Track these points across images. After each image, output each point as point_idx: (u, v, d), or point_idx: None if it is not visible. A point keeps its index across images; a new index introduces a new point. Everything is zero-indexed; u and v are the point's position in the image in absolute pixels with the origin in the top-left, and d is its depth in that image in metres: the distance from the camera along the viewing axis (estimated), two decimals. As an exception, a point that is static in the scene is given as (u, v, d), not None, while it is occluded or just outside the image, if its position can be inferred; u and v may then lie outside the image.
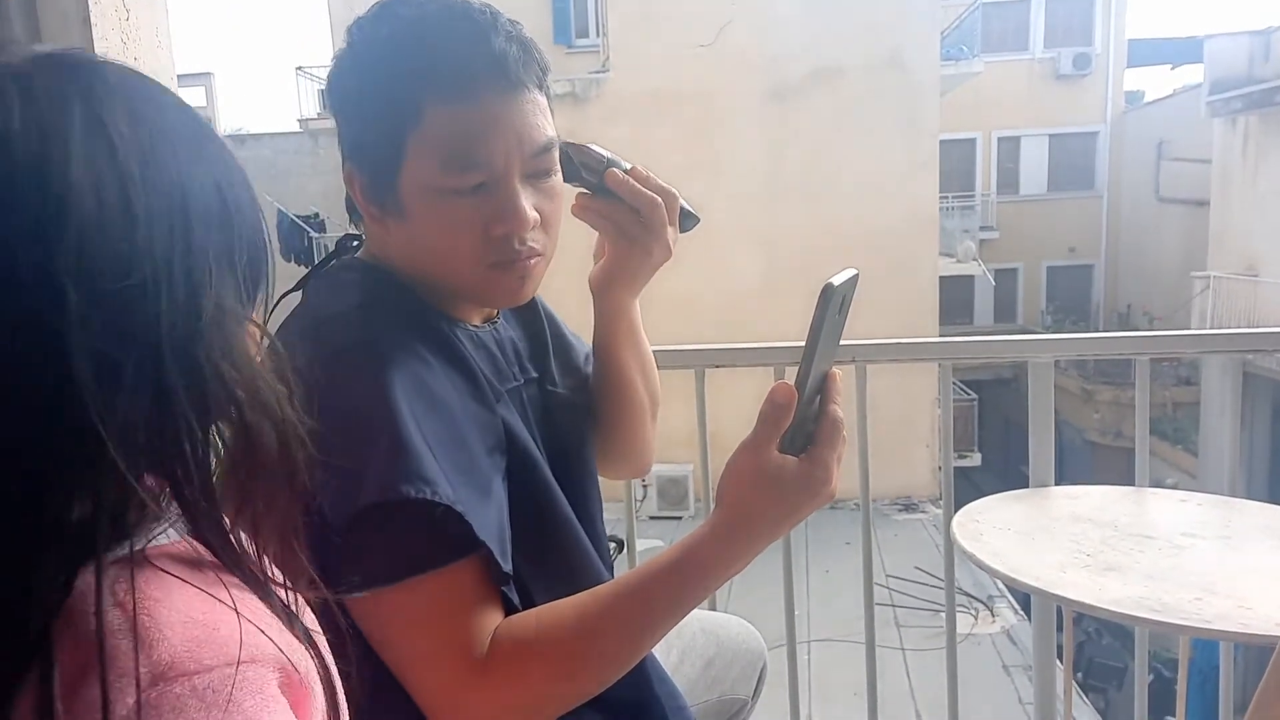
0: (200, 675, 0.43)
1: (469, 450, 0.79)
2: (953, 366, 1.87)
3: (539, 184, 0.85)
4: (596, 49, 10.36)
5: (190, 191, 0.48)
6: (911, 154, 9.77)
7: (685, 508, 9.28)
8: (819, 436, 0.77)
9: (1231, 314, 11.79)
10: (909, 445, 9.57)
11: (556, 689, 0.78)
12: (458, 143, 0.80)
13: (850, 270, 0.75)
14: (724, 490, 0.77)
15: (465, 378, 0.83)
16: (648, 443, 1.13)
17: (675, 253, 0.98)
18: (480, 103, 0.80)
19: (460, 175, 0.81)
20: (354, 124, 0.85)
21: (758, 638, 1.31)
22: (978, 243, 15.85)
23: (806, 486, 0.76)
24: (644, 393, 1.09)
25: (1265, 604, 1.24)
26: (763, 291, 9.33)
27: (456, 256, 0.84)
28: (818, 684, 5.38)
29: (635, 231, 0.94)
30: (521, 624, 0.78)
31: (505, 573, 0.78)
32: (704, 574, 0.77)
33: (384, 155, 0.82)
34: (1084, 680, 8.66)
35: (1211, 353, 2.53)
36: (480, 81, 0.80)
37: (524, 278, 0.87)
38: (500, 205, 0.82)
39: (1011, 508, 1.69)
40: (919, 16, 9.83)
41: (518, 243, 0.84)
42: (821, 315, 0.71)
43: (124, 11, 1.22)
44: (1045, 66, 17.62)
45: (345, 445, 0.69)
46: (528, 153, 0.83)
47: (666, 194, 0.95)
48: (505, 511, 0.81)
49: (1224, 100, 12.17)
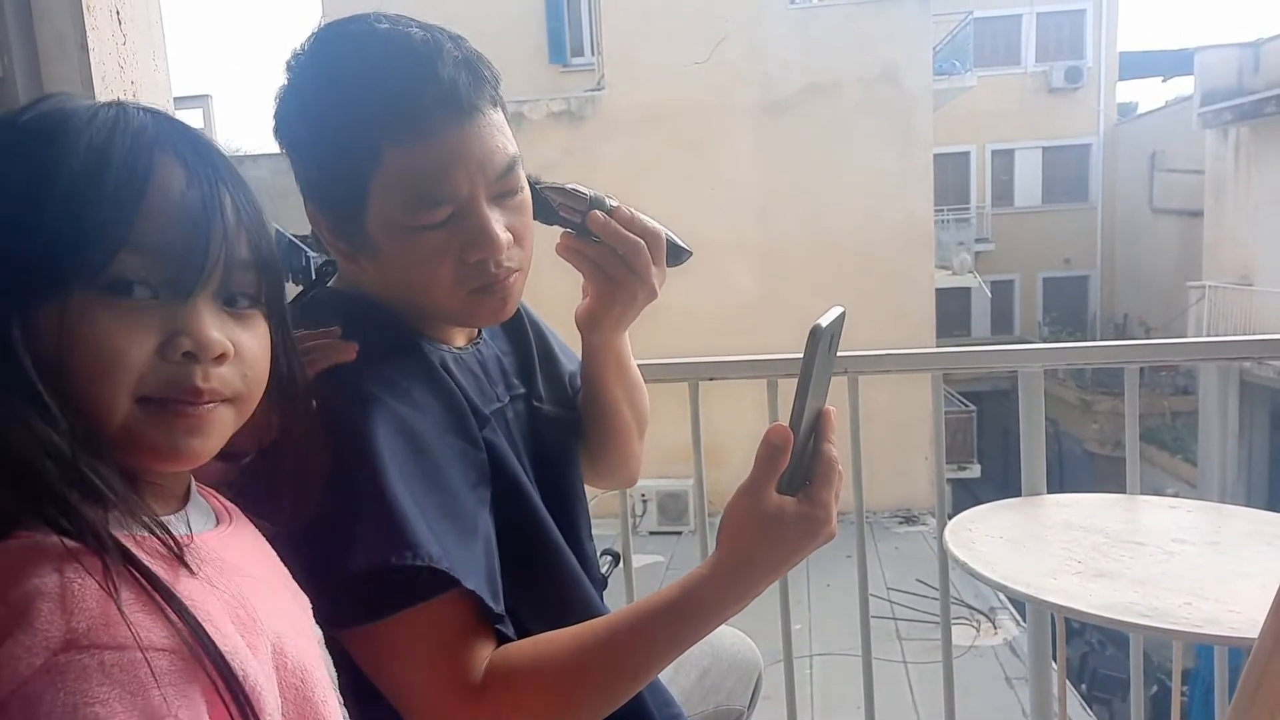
0: (111, 652, 0.45)
1: (452, 491, 0.79)
2: (951, 378, 1.88)
3: (506, 202, 0.84)
4: (592, 67, 10.43)
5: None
6: (906, 167, 9.83)
7: (685, 523, 9.25)
8: (816, 475, 0.77)
9: (1227, 323, 11.82)
10: (908, 457, 9.57)
11: (551, 718, 0.78)
12: (420, 181, 0.79)
13: (837, 308, 0.76)
14: (724, 533, 0.77)
15: (447, 409, 0.83)
16: (635, 459, 1.14)
17: (670, 269, 0.97)
18: (437, 137, 0.78)
19: (429, 212, 0.80)
20: (310, 168, 0.83)
21: (753, 648, 1.32)
22: (973, 255, 15.90)
23: (806, 527, 0.76)
24: (630, 418, 1.09)
25: (1254, 608, 1.25)
26: (758, 304, 9.36)
27: (436, 287, 0.83)
28: (820, 697, 5.37)
29: (619, 274, 0.93)
30: (518, 653, 0.78)
31: (498, 614, 0.78)
32: (703, 615, 0.77)
33: (347, 198, 0.81)
34: (1088, 692, 8.62)
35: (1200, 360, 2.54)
36: (433, 116, 0.78)
37: (505, 297, 0.87)
38: (472, 233, 0.81)
39: (1003, 516, 1.70)
40: (911, 31, 9.92)
41: (494, 265, 0.84)
42: (812, 355, 0.72)
43: (120, 36, 1.24)
44: (1038, 80, 17.74)
45: (330, 500, 0.71)
46: (491, 176, 0.82)
47: (651, 235, 0.94)
48: (493, 545, 0.81)
49: (1215, 111, 12.26)
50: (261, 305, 0.62)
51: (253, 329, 0.61)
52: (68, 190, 0.53)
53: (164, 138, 0.57)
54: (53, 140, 0.55)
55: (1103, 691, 8.89)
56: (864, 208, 9.68)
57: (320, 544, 0.72)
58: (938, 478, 1.82)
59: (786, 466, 0.76)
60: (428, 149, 0.78)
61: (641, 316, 1.04)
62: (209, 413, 0.57)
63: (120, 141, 0.55)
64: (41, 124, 0.56)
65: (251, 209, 0.60)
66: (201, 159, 0.58)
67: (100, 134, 0.55)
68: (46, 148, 0.55)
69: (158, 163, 0.56)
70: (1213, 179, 12.97)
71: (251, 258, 0.60)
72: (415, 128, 0.78)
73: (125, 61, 1.24)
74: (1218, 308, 12.13)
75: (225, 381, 0.58)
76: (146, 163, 0.55)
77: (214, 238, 0.57)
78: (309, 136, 0.82)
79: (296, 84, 0.81)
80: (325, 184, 0.83)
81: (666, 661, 0.79)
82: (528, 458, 0.93)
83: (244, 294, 0.60)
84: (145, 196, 0.54)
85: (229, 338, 0.58)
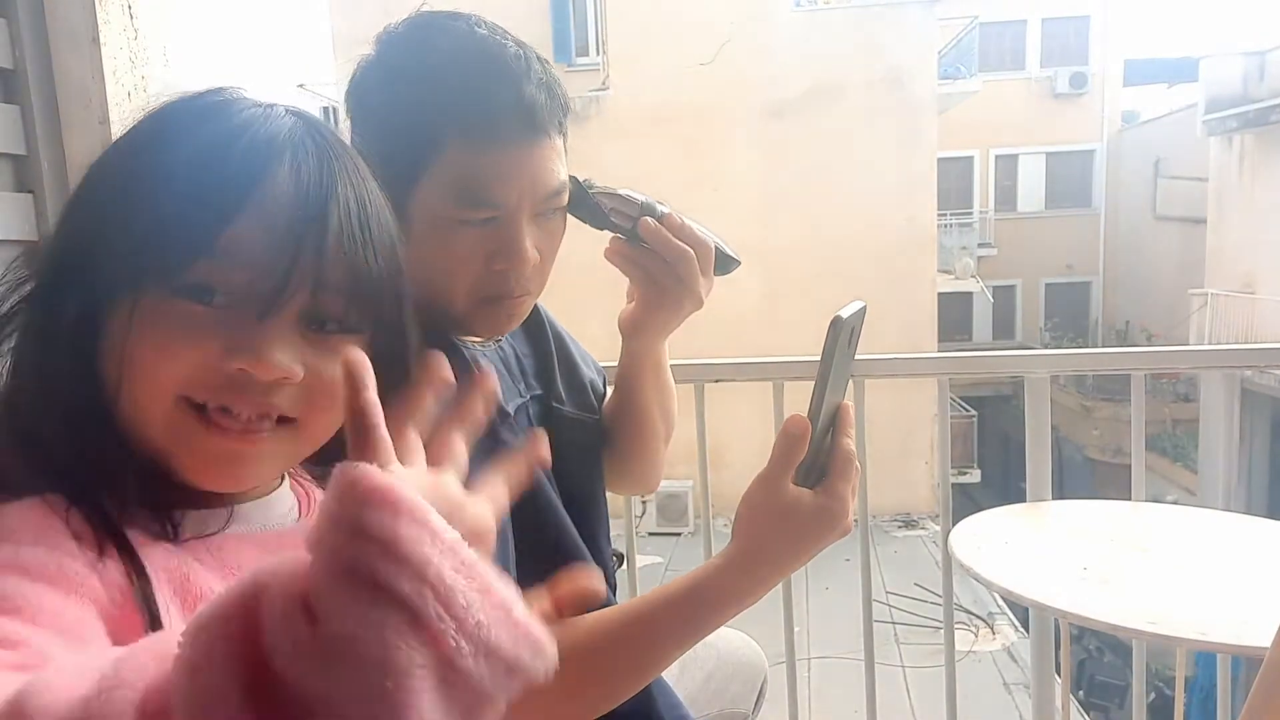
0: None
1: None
2: (952, 383, 1.88)
3: (543, 223, 0.87)
4: (597, 67, 10.42)
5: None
6: (909, 171, 9.83)
7: (685, 524, 9.25)
8: (832, 469, 0.77)
9: (1229, 331, 11.82)
10: (908, 462, 9.57)
11: (563, 706, 0.78)
12: (475, 180, 0.81)
13: (858, 302, 0.76)
14: (740, 523, 0.78)
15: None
16: (659, 464, 1.14)
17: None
18: (503, 146, 0.81)
19: (472, 210, 0.82)
20: (371, 137, 0.85)
21: (758, 651, 1.32)
22: (976, 259, 15.92)
23: (822, 520, 0.76)
24: (660, 423, 1.10)
25: (1260, 617, 1.25)
26: (762, 307, 9.35)
27: (453, 283, 0.85)
28: (817, 700, 5.36)
29: (666, 281, 0.94)
30: None
31: None
32: (718, 605, 0.77)
33: (398, 174, 0.81)
34: (1085, 698, 8.62)
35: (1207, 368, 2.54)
36: (507, 127, 0.81)
37: (511, 315, 0.89)
38: (505, 242, 0.84)
39: (1009, 522, 1.70)
40: (916, 35, 9.91)
41: (514, 280, 0.86)
42: (832, 347, 0.72)
43: (132, 30, 1.24)
44: (1042, 85, 17.74)
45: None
46: (539, 196, 0.84)
47: (700, 244, 0.95)
48: (509, 535, 0.81)
49: (1220, 119, 12.25)
50: (362, 332, 0.57)
51: (337, 356, 0.56)
52: (167, 188, 0.53)
53: (290, 146, 0.55)
54: (189, 133, 0.54)
55: (1100, 698, 8.89)
56: (867, 211, 9.67)
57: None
58: (943, 482, 1.82)
59: (804, 459, 0.75)
60: (491, 154, 0.81)
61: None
62: (254, 436, 0.54)
63: (239, 146, 0.54)
64: (199, 110, 0.56)
65: (363, 232, 0.56)
66: (320, 171, 0.55)
67: (226, 134, 0.54)
68: (178, 138, 0.54)
69: (271, 171, 0.53)
70: (1216, 187, 12.97)
71: (349, 283, 0.55)
72: (487, 131, 0.81)
73: (136, 56, 1.24)
74: (1220, 315, 12.12)
75: (284, 400, 0.55)
76: (258, 170, 0.53)
77: (304, 258, 0.53)
78: (382, 105, 0.84)
79: (384, 57, 0.84)
80: (381, 156, 0.82)
81: (679, 651, 0.80)
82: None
83: (335, 319, 0.56)
84: (244, 207, 0.52)
85: (305, 363, 0.54)
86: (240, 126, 0.54)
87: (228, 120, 0.55)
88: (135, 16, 1.24)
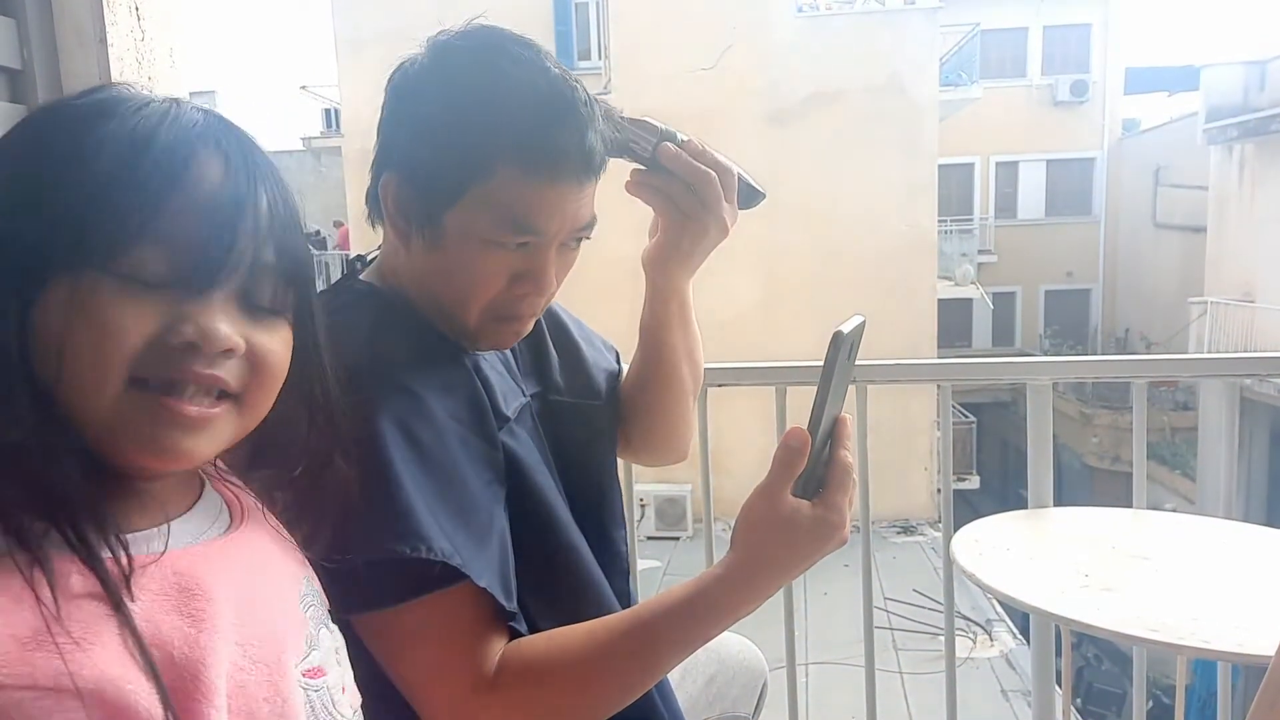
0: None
1: (467, 486, 0.80)
2: (951, 389, 1.88)
3: (565, 251, 0.88)
4: (599, 71, 10.43)
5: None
6: (910, 177, 9.83)
7: (684, 528, 9.24)
8: (830, 481, 0.78)
9: (1228, 339, 11.82)
10: (907, 468, 9.57)
11: (562, 714, 0.79)
12: (523, 210, 0.81)
13: (858, 317, 0.77)
14: (739, 533, 0.78)
15: (468, 407, 0.84)
16: (689, 425, 1.14)
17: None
18: (554, 185, 0.81)
19: (511, 235, 0.82)
20: (417, 145, 0.83)
21: (759, 656, 1.32)
22: (976, 266, 15.91)
23: (820, 530, 0.76)
24: (688, 376, 1.09)
25: (1261, 625, 1.25)
26: (762, 312, 9.36)
27: (472, 298, 0.85)
28: (815, 706, 5.35)
29: (690, 207, 0.94)
30: (531, 647, 0.79)
31: (510, 610, 0.78)
32: (716, 614, 0.78)
33: (441, 189, 0.82)
34: (1083, 706, 8.61)
35: (1208, 377, 2.55)
36: (562, 168, 0.81)
37: (516, 334, 0.90)
38: (533, 267, 0.84)
39: (1011, 528, 1.70)
40: (918, 42, 9.93)
41: (528, 304, 0.87)
42: (832, 361, 0.73)
43: (139, 32, 1.24)
44: (1043, 93, 17.77)
45: (351, 491, 0.71)
46: (573, 229, 0.85)
47: (722, 169, 0.94)
48: (508, 541, 0.82)
49: (1220, 128, 12.27)
50: (287, 315, 0.61)
51: (272, 333, 0.59)
52: (100, 172, 0.53)
53: (211, 134, 0.57)
54: (99, 123, 0.55)
55: (1098, 706, 8.88)
56: (868, 217, 9.68)
57: (335, 530, 0.71)
58: (944, 488, 1.82)
59: (803, 470, 0.76)
60: (541, 189, 0.81)
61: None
62: (204, 410, 0.55)
63: (165, 132, 0.55)
64: (94, 107, 0.56)
65: (288, 217, 0.60)
66: (245, 159, 0.58)
67: (147, 123, 0.55)
68: (91, 129, 0.55)
69: (198, 157, 0.56)
70: (1216, 195, 12.98)
71: (278, 264, 0.59)
72: (541, 169, 0.80)
73: (143, 57, 1.24)
74: (1219, 324, 12.13)
75: (229, 374, 0.56)
76: (186, 155, 0.55)
77: (241, 237, 0.56)
78: (437, 117, 0.82)
79: (445, 68, 0.82)
80: (425, 164, 0.83)
81: (678, 660, 0.80)
82: (551, 454, 0.93)
83: (267, 299, 0.59)
84: (177, 189, 0.54)
85: (242, 335, 0.57)
86: (160, 114, 0.56)
87: (146, 110, 0.57)
88: (142, 18, 1.24)
